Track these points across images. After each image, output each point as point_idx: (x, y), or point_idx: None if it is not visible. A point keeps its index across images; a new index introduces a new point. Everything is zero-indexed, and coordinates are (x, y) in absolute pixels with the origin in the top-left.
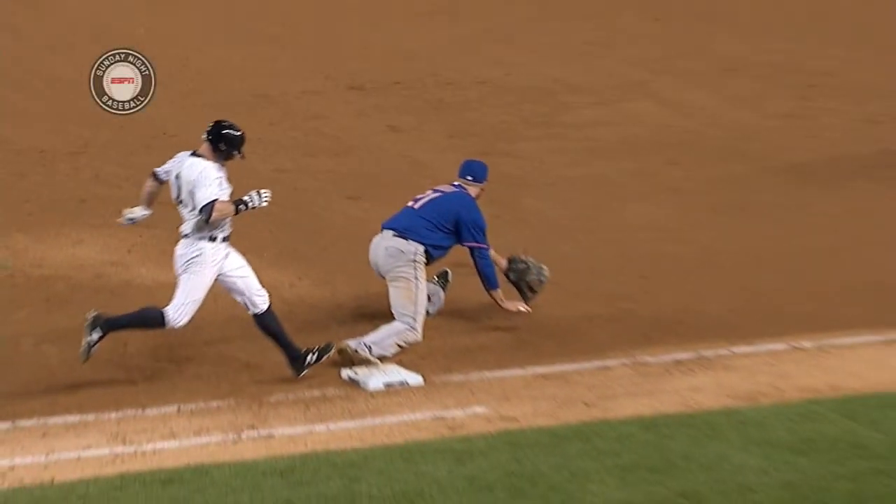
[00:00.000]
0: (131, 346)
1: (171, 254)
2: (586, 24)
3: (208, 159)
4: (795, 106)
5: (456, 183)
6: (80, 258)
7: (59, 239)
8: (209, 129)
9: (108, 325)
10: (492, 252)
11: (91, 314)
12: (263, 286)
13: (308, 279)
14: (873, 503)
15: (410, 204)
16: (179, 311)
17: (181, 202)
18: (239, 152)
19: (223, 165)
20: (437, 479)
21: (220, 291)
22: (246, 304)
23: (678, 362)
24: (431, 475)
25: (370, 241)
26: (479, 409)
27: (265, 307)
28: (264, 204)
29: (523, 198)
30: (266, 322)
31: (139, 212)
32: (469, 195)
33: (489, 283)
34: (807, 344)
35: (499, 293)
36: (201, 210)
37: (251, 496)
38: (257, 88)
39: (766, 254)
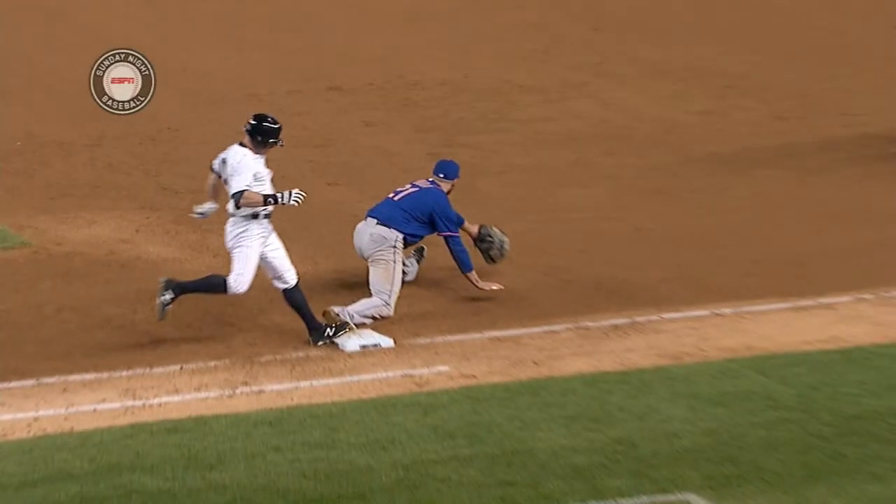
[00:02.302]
0: (140, 313)
1: (172, 233)
2: (534, 34)
3: (249, 149)
4: (713, 104)
5: (430, 179)
6: (95, 237)
7: (76, 220)
8: (249, 121)
9: (178, 288)
10: (466, 224)
11: (163, 279)
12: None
13: (293, 254)
14: (783, 448)
15: (391, 196)
16: (238, 281)
17: (227, 183)
18: (276, 141)
19: (262, 153)
20: (406, 428)
21: (218, 266)
22: (277, 279)
23: (615, 327)
24: (401, 425)
25: (347, 221)
26: (442, 368)
27: (293, 283)
28: (293, 203)
29: (479, 183)
30: (293, 296)
31: (208, 206)
32: (441, 191)
33: (464, 266)
34: (726, 310)
35: (473, 275)
36: (232, 196)
37: (244, 443)
38: (248, 88)
39: (689, 231)
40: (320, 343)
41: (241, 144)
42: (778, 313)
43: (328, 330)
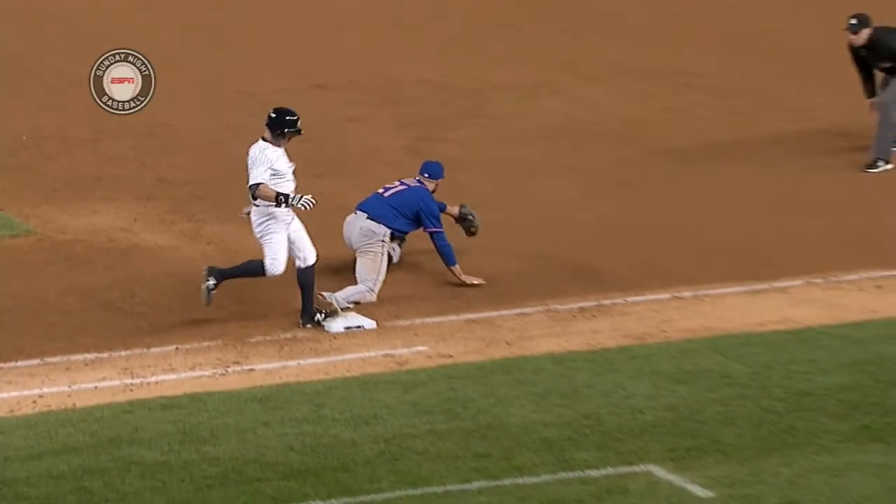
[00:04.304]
0: (138, 296)
1: (168, 222)
2: (506, 35)
3: (269, 142)
4: (673, 101)
5: (417, 178)
6: (96, 225)
7: (78, 210)
8: (269, 115)
9: (220, 274)
10: (447, 208)
11: (206, 267)
12: (248, 248)
13: None
14: (739, 422)
15: (381, 191)
16: (273, 264)
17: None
18: (294, 130)
19: (281, 145)
20: (387, 405)
21: (212, 253)
22: (298, 257)
23: (582, 309)
24: (383, 401)
25: (333, 211)
26: (421, 348)
27: (311, 263)
28: (301, 207)
29: (457, 175)
30: (306, 275)
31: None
32: (427, 189)
33: (448, 260)
34: (686, 294)
35: (457, 268)
36: (248, 188)
37: (236, 418)
38: (239, 86)
39: (651, 221)
40: (308, 326)
41: (263, 139)
42: (734, 296)
43: (318, 315)
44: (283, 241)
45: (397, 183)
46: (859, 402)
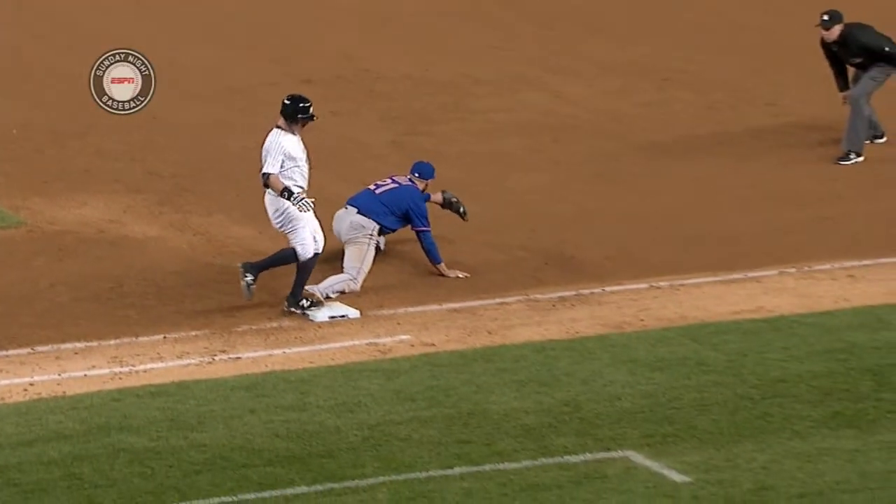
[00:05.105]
0: (126, 286)
1: (157, 214)
2: (489, 31)
3: (283, 130)
4: (653, 96)
5: (408, 177)
6: (86, 217)
7: (68, 202)
8: (283, 102)
9: (255, 267)
10: (431, 197)
11: (241, 263)
12: (235, 239)
13: (267, 233)
14: (714, 408)
15: (372, 188)
16: (304, 248)
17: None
18: (306, 116)
19: (295, 132)
20: (371, 392)
21: (199, 243)
22: None
23: (562, 298)
24: (366, 389)
25: (320, 203)
26: (404, 337)
27: (320, 248)
28: (299, 206)
29: (439, 168)
30: (309, 261)
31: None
32: (417, 189)
33: (434, 258)
34: (663, 284)
35: (442, 266)
36: (261, 175)
37: (222, 406)
38: (229, 81)
39: (630, 213)
40: (292, 309)
41: (278, 126)
42: (710, 286)
43: (304, 301)
44: (306, 226)
45: (389, 181)
46: (832, 389)
